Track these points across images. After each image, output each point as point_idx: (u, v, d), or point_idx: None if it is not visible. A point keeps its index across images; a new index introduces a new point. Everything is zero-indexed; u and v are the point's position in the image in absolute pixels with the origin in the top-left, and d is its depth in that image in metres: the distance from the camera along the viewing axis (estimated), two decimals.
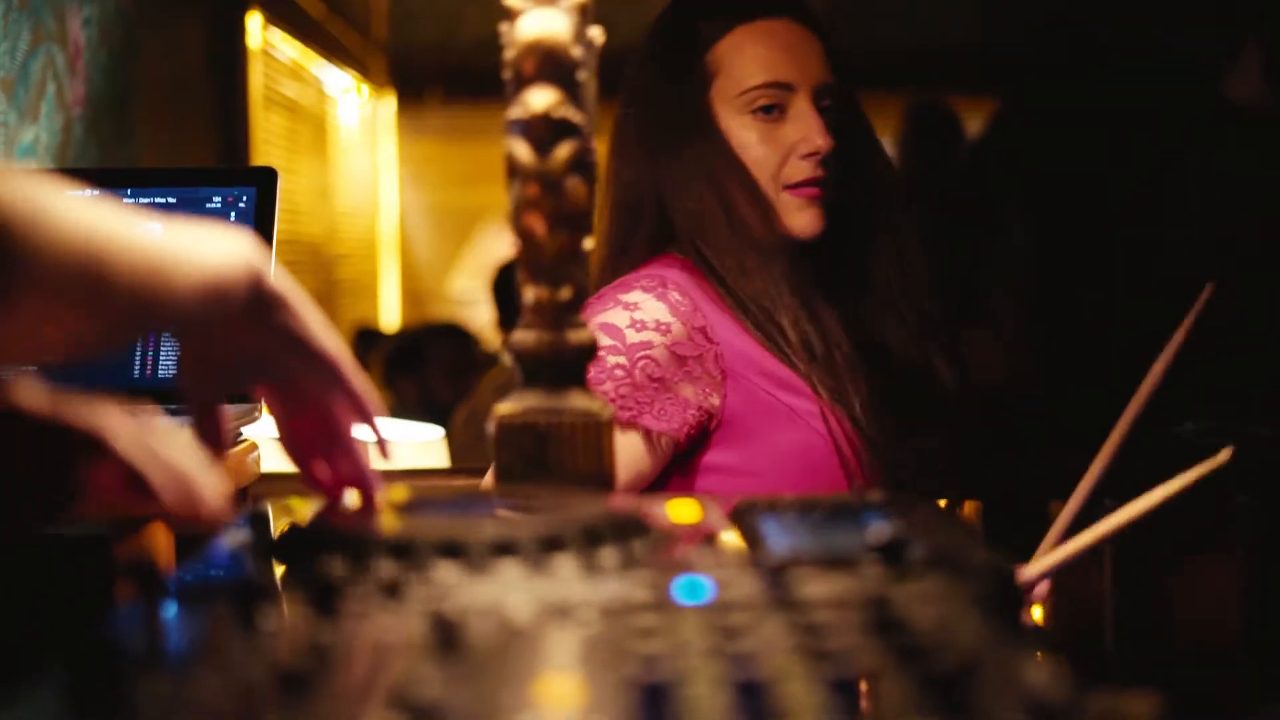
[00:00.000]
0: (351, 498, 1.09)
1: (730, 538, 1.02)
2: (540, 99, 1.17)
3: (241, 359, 1.00)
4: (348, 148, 5.53)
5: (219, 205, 1.64)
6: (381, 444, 1.11)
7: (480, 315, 6.05)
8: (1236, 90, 2.97)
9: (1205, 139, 2.94)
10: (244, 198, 1.64)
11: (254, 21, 3.93)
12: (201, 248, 0.91)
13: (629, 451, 1.72)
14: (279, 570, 0.92)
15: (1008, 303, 3.64)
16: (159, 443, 0.80)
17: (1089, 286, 3.34)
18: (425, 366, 4.84)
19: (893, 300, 1.90)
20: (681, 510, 1.09)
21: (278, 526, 1.02)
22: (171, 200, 1.64)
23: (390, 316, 6.37)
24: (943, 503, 2.13)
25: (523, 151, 1.18)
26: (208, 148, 3.68)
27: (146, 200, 1.64)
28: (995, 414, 3.46)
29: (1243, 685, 2.12)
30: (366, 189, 6.02)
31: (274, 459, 1.62)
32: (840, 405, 1.79)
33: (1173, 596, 2.19)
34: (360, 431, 1.09)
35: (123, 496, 0.75)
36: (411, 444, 2.56)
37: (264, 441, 1.57)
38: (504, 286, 4.22)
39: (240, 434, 1.61)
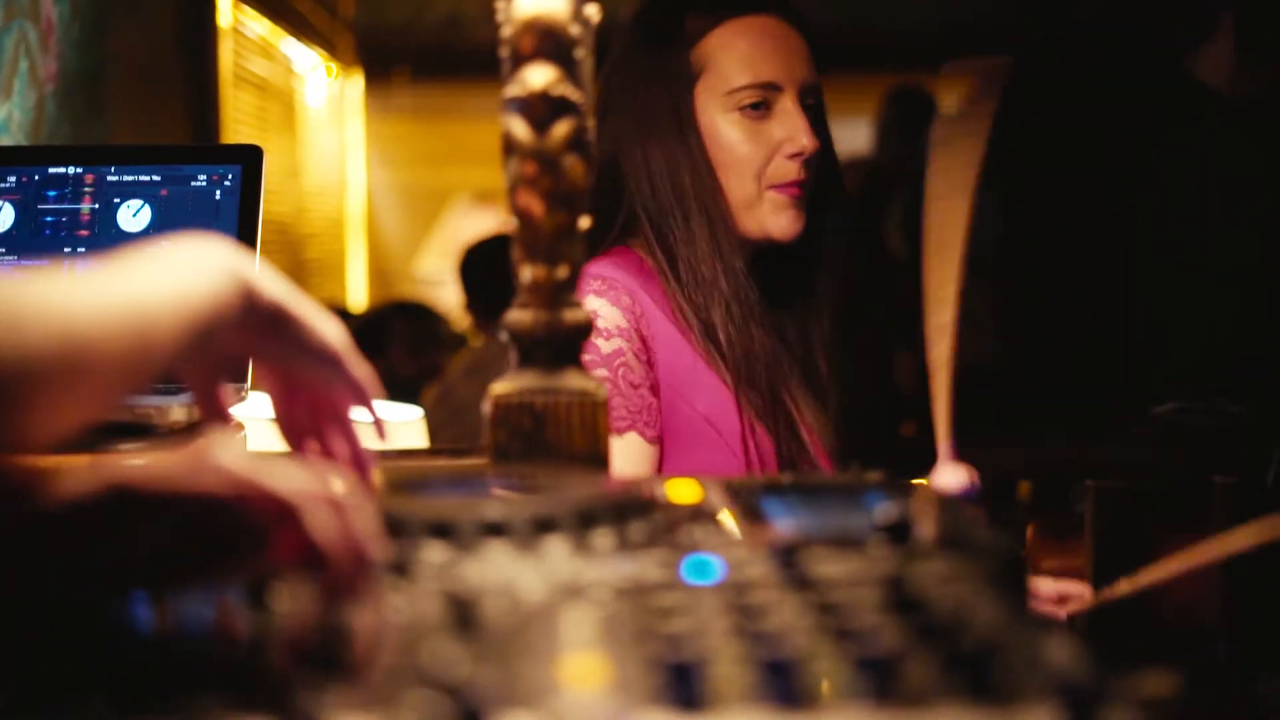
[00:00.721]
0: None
1: (732, 518, 1.01)
2: (539, 76, 1.16)
3: (240, 355, 1.00)
4: (316, 127, 5.50)
5: (204, 183, 1.63)
6: (379, 425, 1.10)
7: (448, 295, 6.03)
8: (1208, 72, 2.98)
9: (1180, 123, 2.95)
10: (229, 175, 1.63)
11: None
12: (182, 281, 0.88)
13: (632, 457, 1.70)
14: None
15: (981, 289, 3.64)
16: (346, 517, 0.79)
17: (1063, 273, 3.35)
18: (388, 344, 4.81)
19: (843, 312, 1.89)
20: (682, 490, 1.09)
21: None
22: (156, 178, 1.63)
23: (358, 296, 6.34)
24: None
25: (520, 129, 1.17)
26: (179, 125, 3.65)
27: (131, 178, 1.62)
28: (968, 401, 3.48)
29: (1222, 664, 2.14)
30: (334, 168, 5.99)
31: (260, 439, 1.62)
32: (765, 427, 1.77)
33: (1154, 599, 2.19)
34: (358, 414, 1.09)
35: (300, 562, 0.74)
36: (393, 424, 2.54)
37: (250, 421, 1.56)
38: (471, 268, 4.20)
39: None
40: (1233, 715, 0.65)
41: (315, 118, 5.47)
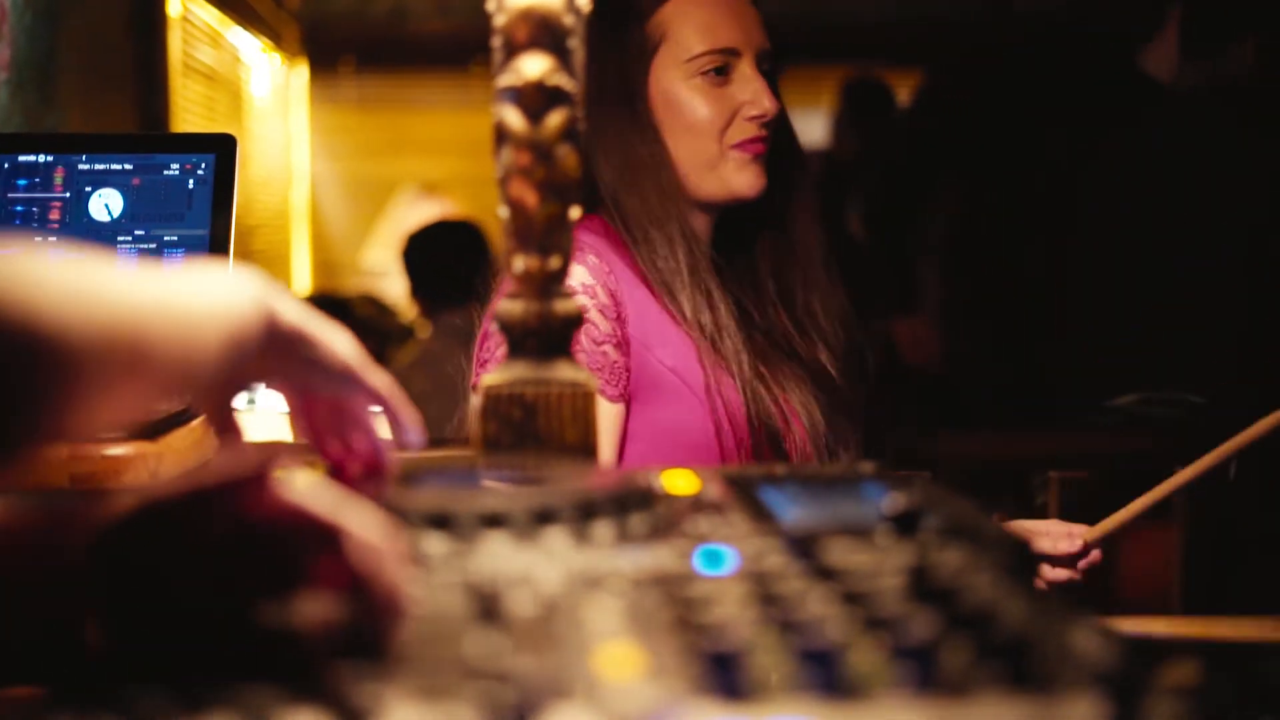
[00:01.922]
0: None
1: (736, 508, 1.01)
2: (534, 66, 1.16)
3: (256, 379, 0.99)
4: (262, 117, 5.45)
5: (177, 172, 1.61)
6: (400, 434, 1.09)
7: (395, 287, 6.00)
8: (1156, 66, 3.02)
9: (1127, 114, 2.98)
10: (202, 165, 1.61)
11: None
12: (217, 298, 0.89)
13: (601, 419, 1.70)
14: None
15: (932, 281, 3.67)
16: (388, 553, 0.78)
17: (1016, 263, 3.37)
18: None
19: (806, 279, 1.91)
20: (680, 481, 1.09)
21: None
22: (128, 166, 1.61)
23: (303, 288, 6.30)
24: None
25: (515, 119, 1.17)
26: (128, 114, 3.61)
27: (103, 166, 1.60)
28: (930, 393, 3.50)
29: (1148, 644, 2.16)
30: (280, 159, 5.95)
31: (270, 429, 1.60)
32: (731, 384, 1.79)
33: (1117, 563, 2.22)
34: (380, 423, 1.09)
35: (342, 591, 0.73)
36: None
37: (262, 413, 1.55)
38: (415, 255, 4.19)
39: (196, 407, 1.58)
40: (1255, 697, 0.65)
41: (261, 108, 5.43)
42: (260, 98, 5.41)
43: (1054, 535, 1.85)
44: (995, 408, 3.15)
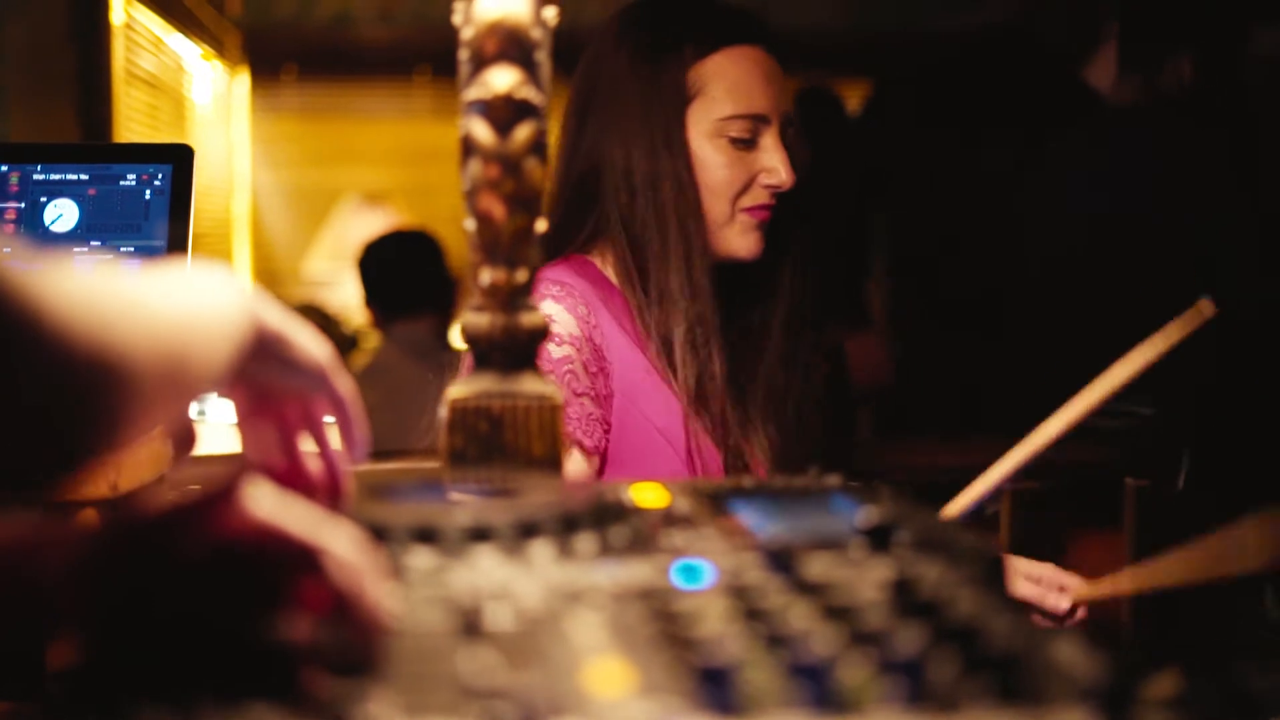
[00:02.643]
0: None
1: (707, 522, 1.02)
2: (503, 79, 1.16)
3: (230, 381, 0.98)
4: (204, 125, 5.41)
5: (133, 183, 1.59)
6: (354, 441, 1.08)
7: (338, 297, 5.98)
8: (1098, 78, 3.05)
9: (1068, 125, 3.01)
10: (159, 175, 1.60)
11: None
12: (221, 303, 0.88)
13: (572, 468, 1.71)
14: None
15: (878, 293, 3.69)
16: (368, 570, 0.77)
17: (953, 275, 3.40)
18: None
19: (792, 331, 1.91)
20: (649, 494, 1.09)
21: None
22: (84, 177, 1.59)
23: None
24: None
25: (483, 132, 1.17)
26: (71, 122, 3.58)
27: (58, 176, 1.59)
28: (885, 409, 3.52)
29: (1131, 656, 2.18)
30: (222, 168, 5.90)
31: (217, 442, 1.59)
32: (712, 444, 1.79)
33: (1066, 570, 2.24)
34: (335, 432, 1.08)
35: (324, 611, 0.72)
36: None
37: (210, 425, 1.53)
38: (370, 263, 4.16)
39: None
40: (1238, 707, 0.66)
41: (203, 116, 5.39)
42: (202, 106, 5.37)
43: (1046, 583, 1.86)
44: (943, 419, 3.17)
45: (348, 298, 5.64)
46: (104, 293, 0.72)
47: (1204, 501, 2.30)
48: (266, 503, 0.75)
